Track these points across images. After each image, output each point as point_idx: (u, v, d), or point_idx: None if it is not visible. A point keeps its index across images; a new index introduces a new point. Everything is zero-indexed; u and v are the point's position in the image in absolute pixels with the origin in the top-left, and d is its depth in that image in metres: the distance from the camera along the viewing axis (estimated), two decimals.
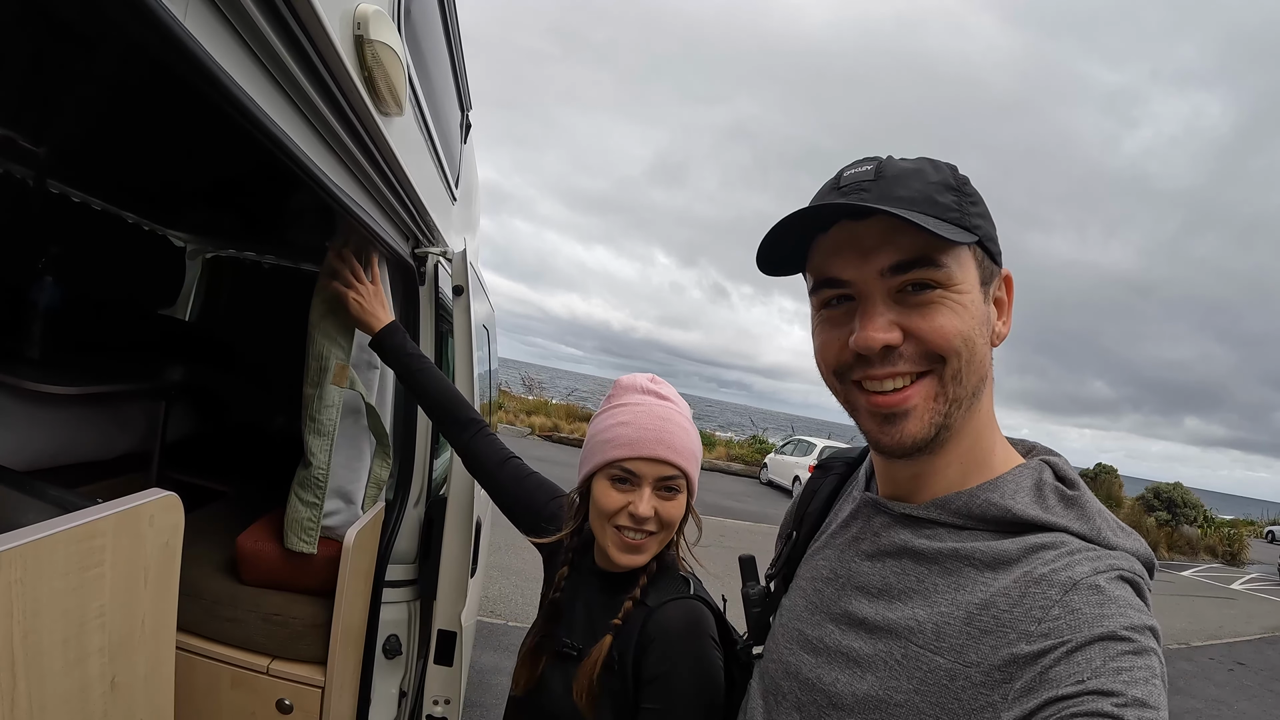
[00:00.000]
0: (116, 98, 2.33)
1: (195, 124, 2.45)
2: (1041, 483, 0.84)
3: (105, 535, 1.05)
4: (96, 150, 2.73)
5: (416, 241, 2.37)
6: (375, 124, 1.48)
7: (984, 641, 0.74)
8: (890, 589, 0.86)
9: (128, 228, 3.33)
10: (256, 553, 2.07)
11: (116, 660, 1.09)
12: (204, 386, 3.52)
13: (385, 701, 2.29)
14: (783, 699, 0.94)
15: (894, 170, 0.85)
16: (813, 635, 0.93)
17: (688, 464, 1.38)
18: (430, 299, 2.43)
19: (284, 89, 1.18)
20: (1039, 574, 0.74)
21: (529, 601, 6.89)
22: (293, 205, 3.58)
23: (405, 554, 2.38)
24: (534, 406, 25.30)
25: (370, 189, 1.77)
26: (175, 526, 1.23)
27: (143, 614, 1.16)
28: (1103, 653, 0.66)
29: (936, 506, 0.86)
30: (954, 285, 0.82)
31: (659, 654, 1.28)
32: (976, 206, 0.85)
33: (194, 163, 3.09)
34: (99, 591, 1.04)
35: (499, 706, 4.64)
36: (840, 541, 0.99)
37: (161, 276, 3.62)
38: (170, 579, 1.23)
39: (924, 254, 0.82)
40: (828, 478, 1.14)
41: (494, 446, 1.79)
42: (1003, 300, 0.87)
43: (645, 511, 1.33)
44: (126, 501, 1.11)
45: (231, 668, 1.98)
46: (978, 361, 0.83)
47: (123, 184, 3.09)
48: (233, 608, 2.03)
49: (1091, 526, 0.80)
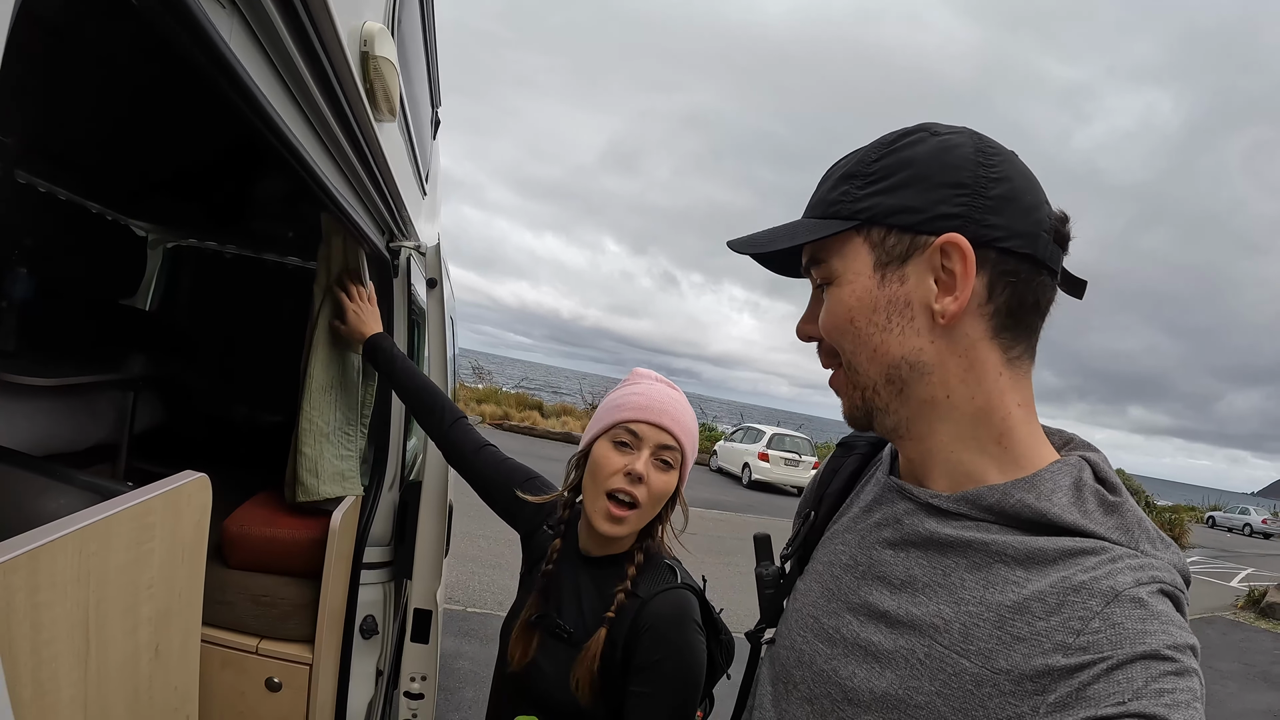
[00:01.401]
0: (92, 85, 2.36)
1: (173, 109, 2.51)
2: (1081, 483, 0.78)
3: (156, 513, 1.15)
4: (67, 139, 2.74)
5: (391, 235, 2.45)
6: (372, 130, 1.57)
7: (1016, 649, 0.70)
8: (914, 581, 0.81)
9: (91, 218, 3.31)
10: (243, 536, 2.15)
11: (159, 630, 1.19)
12: (169, 377, 3.52)
13: (364, 680, 2.38)
14: (793, 688, 0.90)
15: (825, 174, 0.89)
16: (829, 624, 0.88)
17: (687, 441, 1.49)
18: (403, 291, 2.51)
19: (294, 95, 1.27)
20: (1078, 581, 0.70)
21: (484, 588, 6.98)
22: (258, 195, 3.60)
23: (381, 536, 2.46)
24: (484, 395, 25.19)
25: (356, 186, 1.86)
26: (205, 506, 1.32)
27: (180, 587, 1.25)
28: (1145, 672, 0.63)
29: (966, 501, 0.80)
30: (835, 278, 0.84)
31: (650, 643, 1.38)
32: (880, 183, 0.81)
33: (164, 149, 3.13)
34: (150, 565, 1.14)
35: (462, 690, 4.74)
36: (862, 527, 0.93)
37: (123, 267, 3.60)
38: (200, 555, 1.32)
39: (813, 254, 0.87)
40: (850, 457, 1.08)
41: (471, 435, 1.89)
42: (953, 271, 0.77)
43: (640, 468, 1.42)
44: (170, 482, 1.21)
45: (222, 649, 2.05)
46: (868, 350, 0.82)
47: (91, 173, 3.07)
48: (222, 591, 2.10)
49: (1130, 536, 0.74)
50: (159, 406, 3.57)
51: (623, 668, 1.40)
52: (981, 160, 0.79)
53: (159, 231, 4.01)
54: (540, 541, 1.65)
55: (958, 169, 0.79)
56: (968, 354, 0.80)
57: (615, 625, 1.41)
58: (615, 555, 1.53)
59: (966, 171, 0.78)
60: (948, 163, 0.79)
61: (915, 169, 0.80)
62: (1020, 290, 0.79)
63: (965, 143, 0.80)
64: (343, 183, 1.70)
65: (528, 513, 1.71)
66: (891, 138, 0.84)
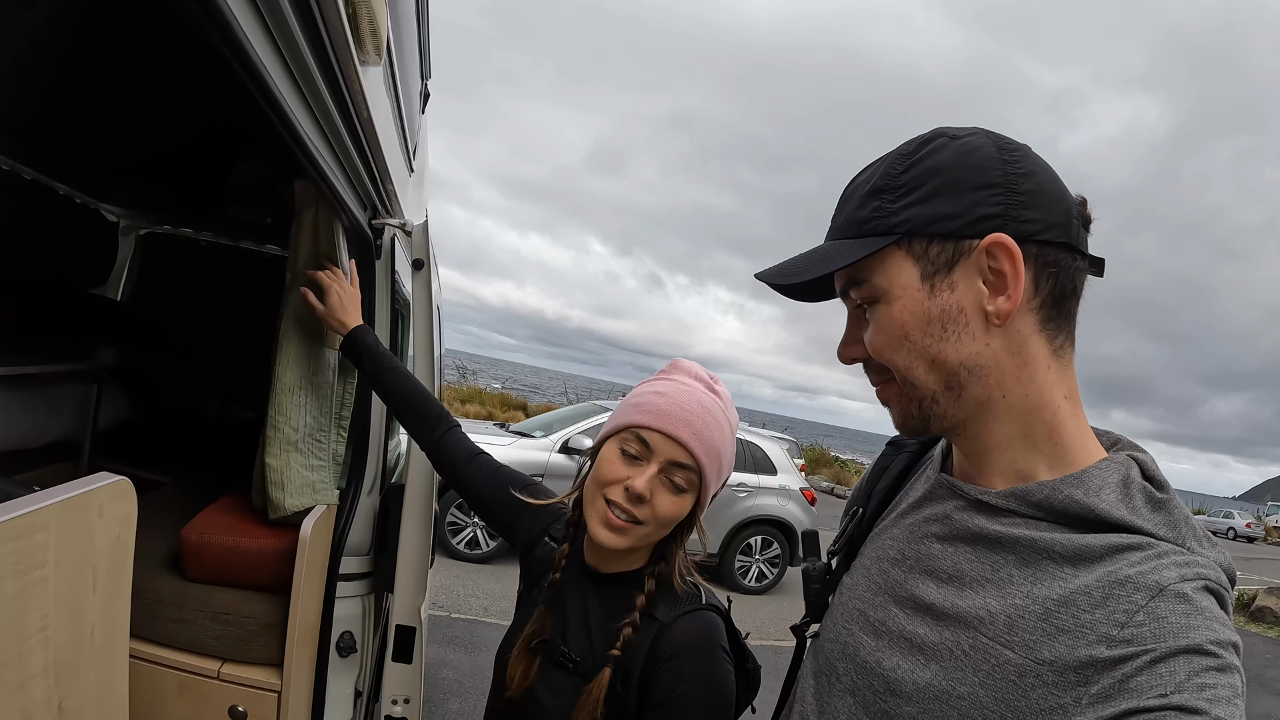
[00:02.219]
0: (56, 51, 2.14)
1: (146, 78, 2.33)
2: (1129, 480, 0.79)
3: (48, 529, 0.88)
4: (31, 112, 2.50)
5: (375, 211, 2.22)
6: (354, 68, 1.33)
7: (1060, 640, 0.71)
8: (962, 575, 0.83)
9: (58, 200, 3.10)
10: (202, 546, 1.93)
11: (64, 681, 0.93)
12: (138, 370, 3.32)
13: (340, 703, 2.16)
14: (836, 680, 0.91)
15: (845, 193, 0.90)
16: (875, 617, 0.90)
17: (707, 461, 1.25)
18: (386, 274, 2.29)
19: (262, 12, 1.02)
20: (1124, 575, 0.71)
21: (470, 593, 6.75)
22: (235, 179, 3.41)
23: (359, 545, 2.23)
24: (468, 395, 24.93)
25: (335, 144, 1.62)
26: (127, 517, 1.06)
27: (92, 623, 0.99)
28: (1187, 666, 0.64)
29: (1015, 497, 0.81)
30: (880, 297, 0.84)
31: (672, 674, 1.21)
32: (912, 194, 0.82)
33: (137, 125, 2.94)
34: (41, 599, 0.87)
35: (447, 701, 4.53)
36: (910, 522, 0.94)
37: (93, 253, 3.40)
38: (122, 580, 1.06)
39: (851, 276, 0.87)
40: (899, 455, 1.09)
41: (463, 443, 1.70)
42: (1001, 270, 0.79)
43: (640, 488, 1.20)
44: (71, 488, 0.94)
45: (179, 673, 1.83)
46: (925, 363, 0.83)
47: (58, 151, 2.86)
48: (178, 607, 1.88)
49: (1177, 533, 0.75)
50: (127, 401, 3.36)
51: (639, 703, 1.22)
52: (1006, 158, 0.81)
53: (131, 217, 3.83)
54: (541, 555, 1.47)
55: (986, 169, 0.80)
56: (1020, 351, 0.81)
57: (630, 647, 1.23)
58: (627, 573, 1.33)
59: (995, 171, 0.80)
60: (974, 165, 0.81)
61: (945, 175, 0.81)
62: (1062, 279, 0.81)
63: (986, 143, 0.82)
64: (318, 134, 1.45)
65: (526, 523, 1.53)
66: (912, 147, 0.85)
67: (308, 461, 2.01)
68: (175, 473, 2.86)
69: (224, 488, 2.34)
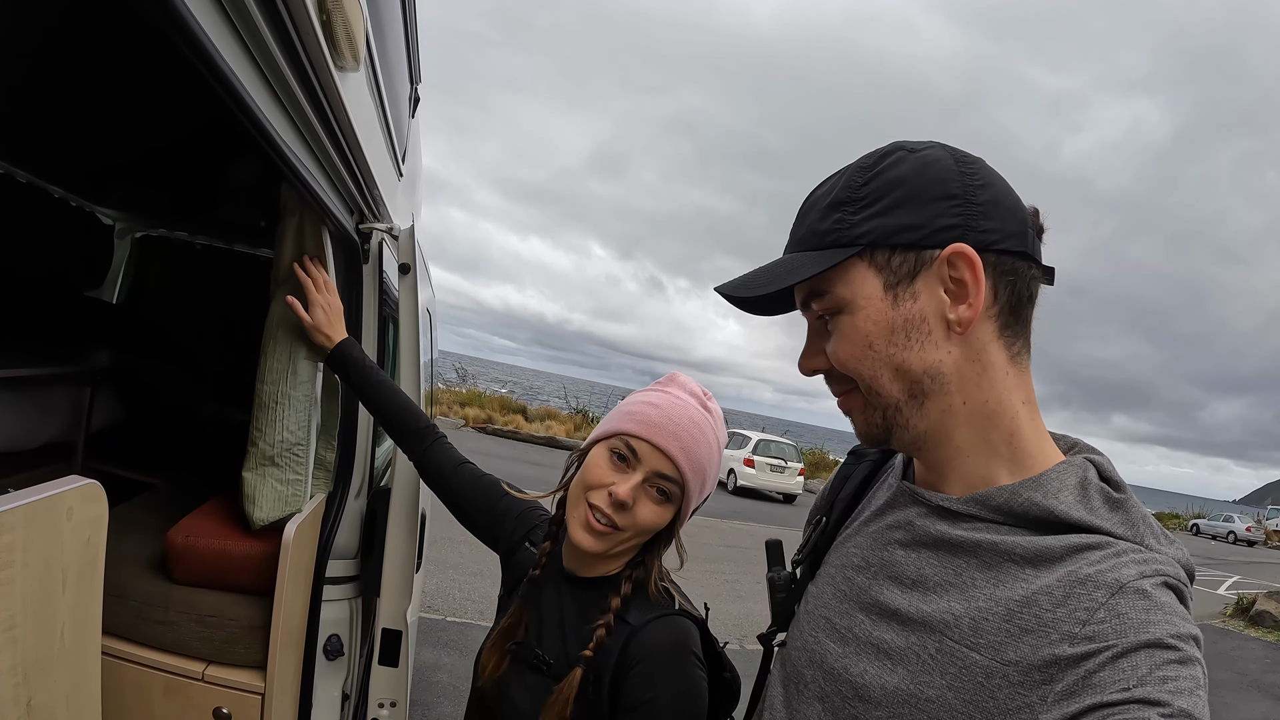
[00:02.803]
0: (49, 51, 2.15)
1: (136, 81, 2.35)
2: (1086, 482, 0.81)
3: (15, 531, 0.89)
4: (27, 117, 2.51)
5: (361, 216, 2.23)
6: (330, 76, 1.34)
7: (1024, 640, 0.72)
8: (926, 580, 0.84)
9: (54, 203, 3.11)
10: (189, 549, 1.94)
11: (32, 679, 0.94)
12: (131, 372, 3.34)
13: (327, 706, 2.17)
14: (805, 688, 0.91)
15: (805, 205, 0.91)
16: (841, 624, 0.90)
17: (692, 476, 1.27)
18: (374, 279, 2.29)
19: (233, 21, 1.03)
20: (1084, 574, 0.72)
21: (466, 596, 6.75)
22: (229, 182, 3.42)
23: (346, 548, 2.24)
24: (467, 398, 24.84)
25: (317, 151, 1.63)
26: (98, 520, 1.08)
27: (61, 623, 1.01)
28: (1149, 660, 0.65)
29: (975, 502, 0.83)
30: (844, 308, 0.85)
31: (642, 679, 1.21)
32: (873, 205, 0.83)
33: (132, 128, 2.93)
34: (8, 599, 0.89)
35: (440, 705, 4.52)
36: (873, 529, 0.95)
37: (89, 256, 3.43)
38: (93, 582, 1.08)
39: (813, 288, 0.88)
40: (861, 464, 1.10)
41: (449, 453, 1.74)
42: (962, 279, 0.80)
43: (623, 494, 1.22)
44: (38, 491, 0.96)
45: (164, 674, 1.84)
46: (890, 372, 0.84)
47: (51, 154, 2.87)
48: (164, 609, 1.89)
49: (1135, 532, 0.77)
50: (120, 404, 3.37)
51: (610, 708, 1.22)
52: (963, 170, 0.83)
53: (127, 220, 3.86)
54: (522, 559, 1.49)
55: (945, 181, 0.82)
56: (980, 358, 0.83)
57: (601, 652, 1.23)
58: (604, 578, 1.34)
59: (954, 182, 0.82)
60: (934, 177, 0.82)
61: (906, 187, 0.82)
62: (1019, 287, 0.83)
63: (943, 156, 0.84)
64: (295, 138, 1.46)
65: (508, 529, 1.56)
66: (871, 160, 0.86)
67: (284, 475, 2.01)
68: (167, 475, 2.86)
69: (214, 490, 2.34)
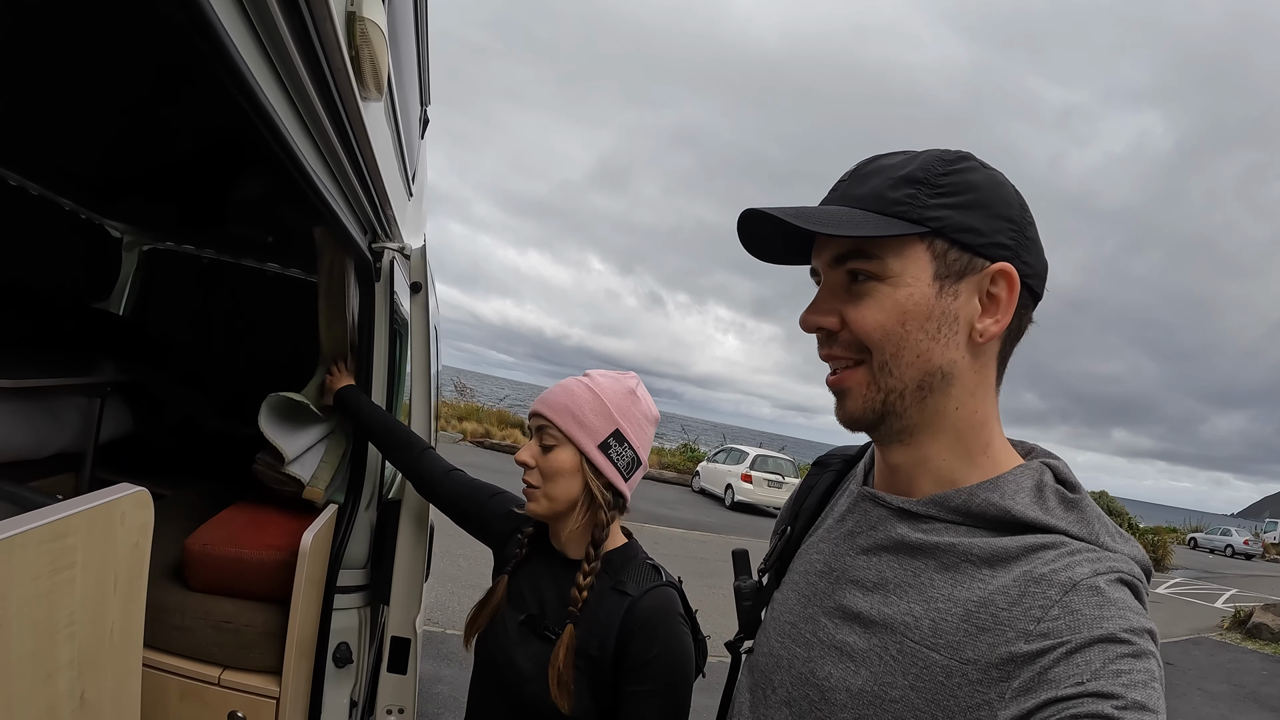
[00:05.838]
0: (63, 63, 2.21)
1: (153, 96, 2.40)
2: (1042, 484, 0.84)
3: (77, 534, 0.95)
4: (38, 130, 2.57)
5: (374, 236, 2.29)
6: (356, 106, 1.41)
7: (981, 639, 0.74)
8: (886, 583, 0.86)
9: (63, 215, 3.16)
10: (206, 556, 1.99)
11: (85, 675, 1.00)
12: (138, 384, 3.35)
13: (336, 712, 2.21)
14: (772, 692, 0.93)
15: (869, 168, 0.90)
16: (805, 629, 0.93)
17: (554, 414, 1.48)
18: (385, 296, 2.35)
19: (269, 55, 1.10)
20: (1039, 573, 0.75)
21: (466, 609, 6.71)
22: (237, 197, 3.45)
23: (356, 559, 2.29)
24: (465, 412, 24.82)
25: (338, 175, 1.69)
26: (145, 526, 1.14)
27: (111, 623, 1.07)
28: (1102, 654, 0.67)
29: (935, 504, 0.86)
30: (889, 278, 0.85)
31: (644, 641, 1.38)
32: (950, 197, 0.84)
33: (142, 142, 2.97)
34: (69, 598, 0.95)
35: (440, 716, 4.55)
36: (836, 535, 0.98)
37: (96, 268, 3.46)
38: (139, 584, 1.14)
39: (857, 247, 0.86)
40: (824, 474, 1.13)
41: (438, 462, 1.95)
42: (998, 296, 0.84)
43: (521, 456, 1.50)
44: (98, 497, 1.02)
45: (180, 679, 1.89)
46: (912, 355, 0.85)
47: (64, 167, 2.92)
48: (181, 615, 1.94)
49: (1090, 530, 0.80)
50: (129, 415, 3.38)
51: (614, 668, 1.39)
52: (1023, 203, 0.87)
53: (135, 233, 3.88)
54: (512, 549, 1.66)
55: (1009, 204, 0.86)
56: (982, 371, 0.87)
57: (603, 623, 1.41)
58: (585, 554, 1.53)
59: (1016, 209, 0.86)
60: (1002, 197, 0.86)
61: (980, 194, 0.85)
62: (1023, 322, 0.89)
63: (1009, 183, 0.88)
64: (322, 167, 1.53)
65: (498, 525, 1.74)
66: (951, 157, 0.87)
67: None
68: (176, 485, 2.90)
69: (224, 501, 2.39)
